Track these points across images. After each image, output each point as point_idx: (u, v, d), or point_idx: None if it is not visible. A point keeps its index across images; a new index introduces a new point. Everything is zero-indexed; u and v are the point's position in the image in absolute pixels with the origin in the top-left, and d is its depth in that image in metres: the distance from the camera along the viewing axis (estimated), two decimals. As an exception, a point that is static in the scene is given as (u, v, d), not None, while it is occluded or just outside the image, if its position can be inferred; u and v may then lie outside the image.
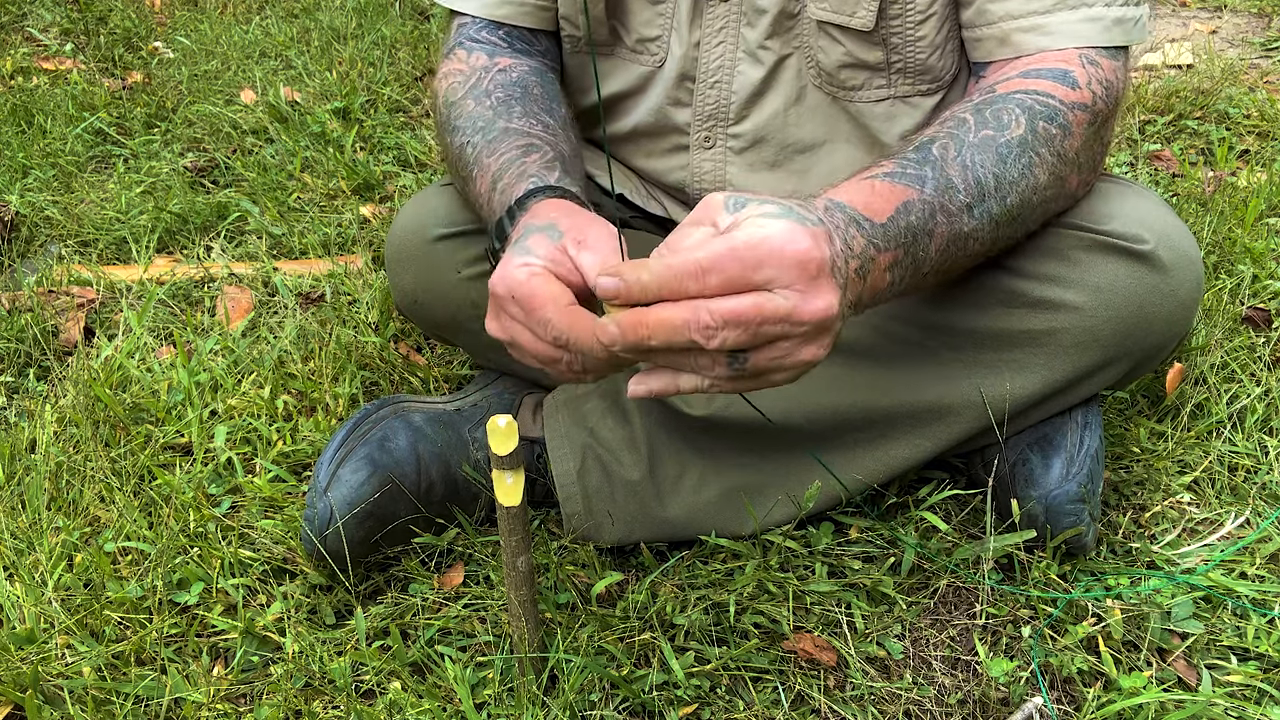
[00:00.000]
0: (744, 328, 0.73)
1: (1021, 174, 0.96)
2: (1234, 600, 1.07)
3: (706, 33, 1.16)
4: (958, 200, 0.92)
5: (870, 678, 1.02)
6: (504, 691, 1.00)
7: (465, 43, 1.21)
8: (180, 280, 1.70)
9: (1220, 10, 2.85)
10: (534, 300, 0.83)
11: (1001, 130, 0.96)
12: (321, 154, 2.07)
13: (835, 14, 1.11)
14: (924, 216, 0.89)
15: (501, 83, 1.15)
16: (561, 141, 1.09)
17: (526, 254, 0.86)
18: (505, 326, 0.88)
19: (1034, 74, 1.01)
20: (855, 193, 0.87)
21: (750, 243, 0.73)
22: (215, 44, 2.67)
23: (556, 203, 0.95)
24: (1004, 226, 0.97)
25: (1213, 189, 1.83)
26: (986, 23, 1.06)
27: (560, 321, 0.82)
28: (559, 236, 0.88)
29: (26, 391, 1.47)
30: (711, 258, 0.72)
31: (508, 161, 1.03)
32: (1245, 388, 1.35)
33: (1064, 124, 0.98)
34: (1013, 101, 0.98)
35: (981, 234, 0.95)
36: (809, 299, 0.74)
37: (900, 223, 0.87)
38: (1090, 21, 1.02)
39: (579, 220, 0.90)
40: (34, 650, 1.05)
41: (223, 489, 1.26)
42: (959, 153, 0.94)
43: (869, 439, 1.13)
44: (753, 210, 0.76)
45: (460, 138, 1.11)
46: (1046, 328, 1.07)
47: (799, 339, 0.75)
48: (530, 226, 0.90)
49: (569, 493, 1.14)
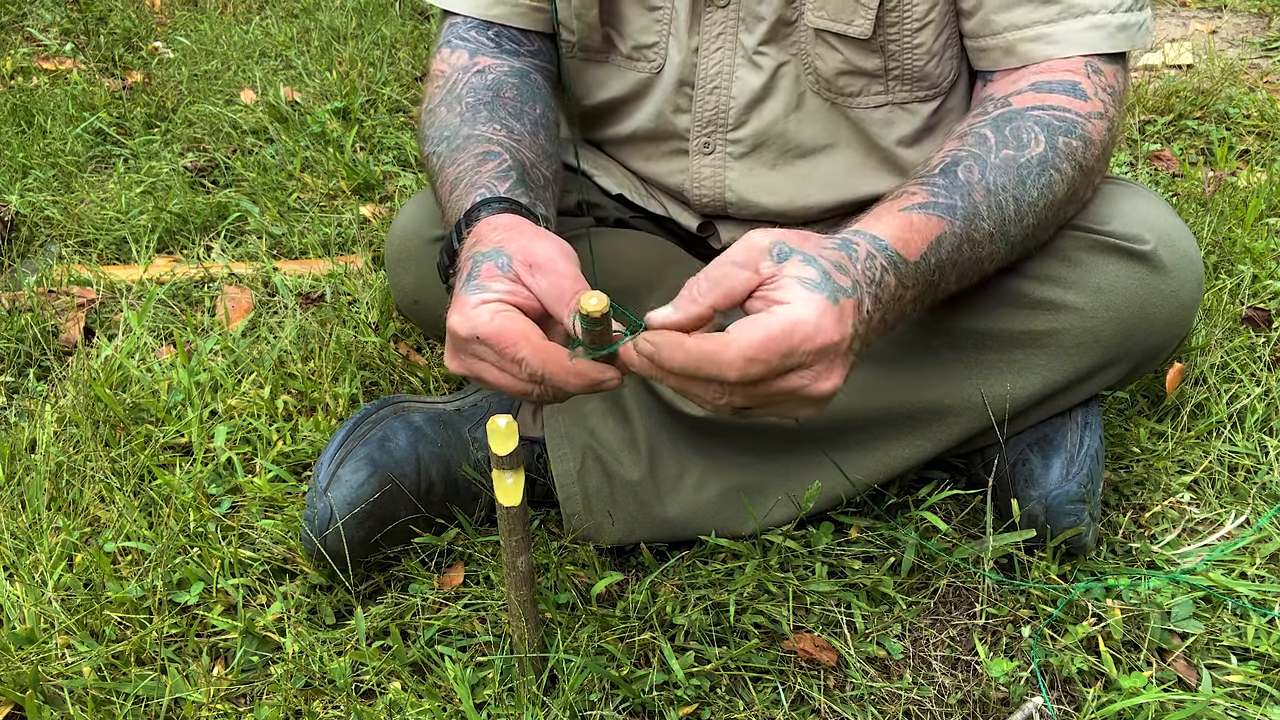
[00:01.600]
0: (756, 399, 0.80)
1: (1041, 193, 0.98)
2: (1234, 600, 1.07)
3: (705, 39, 1.15)
4: (982, 229, 0.94)
5: (870, 678, 1.02)
6: (504, 691, 1.00)
7: (452, 41, 1.21)
8: (180, 280, 1.70)
9: (1220, 10, 2.84)
10: (503, 339, 0.82)
11: (1022, 150, 0.97)
12: (321, 154, 2.07)
13: (833, 22, 1.11)
14: (952, 249, 0.92)
15: (475, 86, 1.14)
16: (525, 148, 1.07)
17: (482, 290, 0.85)
18: (467, 364, 0.87)
19: (1045, 88, 1.02)
20: (895, 227, 0.89)
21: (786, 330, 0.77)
22: (215, 44, 2.67)
23: (499, 220, 0.93)
24: (1018, 247, 1.00)
25: (1213, 189, 1.83)
26: (991, 33, 1.06)
27: (535, 359, 0.82)
28: (508, 264, 0.86)
29: (26, 391, 1.47)
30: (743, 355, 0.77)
31: (464, 171, 1.02)
32: (1245, 388, 1.35)
33: (1084, 135, 1.00)
34: (1030, 119, 0.99)
35: (998, 257, 0.98)
36: (821, 380, 0.80)
37: (931, 260, 0.90)
38: (1095, 29, 1.03)
39: (525, 240, 0.88)
40: (34, 650, 1.05)
41: (223, 489, 1.26)
42: (983, 175, 0.96)
43: (869, 439, 1.13)
44: (794, 270, 0.80)
45: (429, 147, 1.11)
46: (1047, 328, 1.07)
47: (799, 403, 0.82)
48: (477, 255, 0.88)
49: (569, 493, 1.14)
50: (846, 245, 0.85)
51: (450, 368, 0.89)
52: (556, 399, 0.87)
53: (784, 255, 0.80)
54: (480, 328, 0.83)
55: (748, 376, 0.77)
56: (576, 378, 0.82)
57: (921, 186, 0.94)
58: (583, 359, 0.82)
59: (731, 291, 0.80)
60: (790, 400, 0.81)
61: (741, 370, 0.76)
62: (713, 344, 0.76)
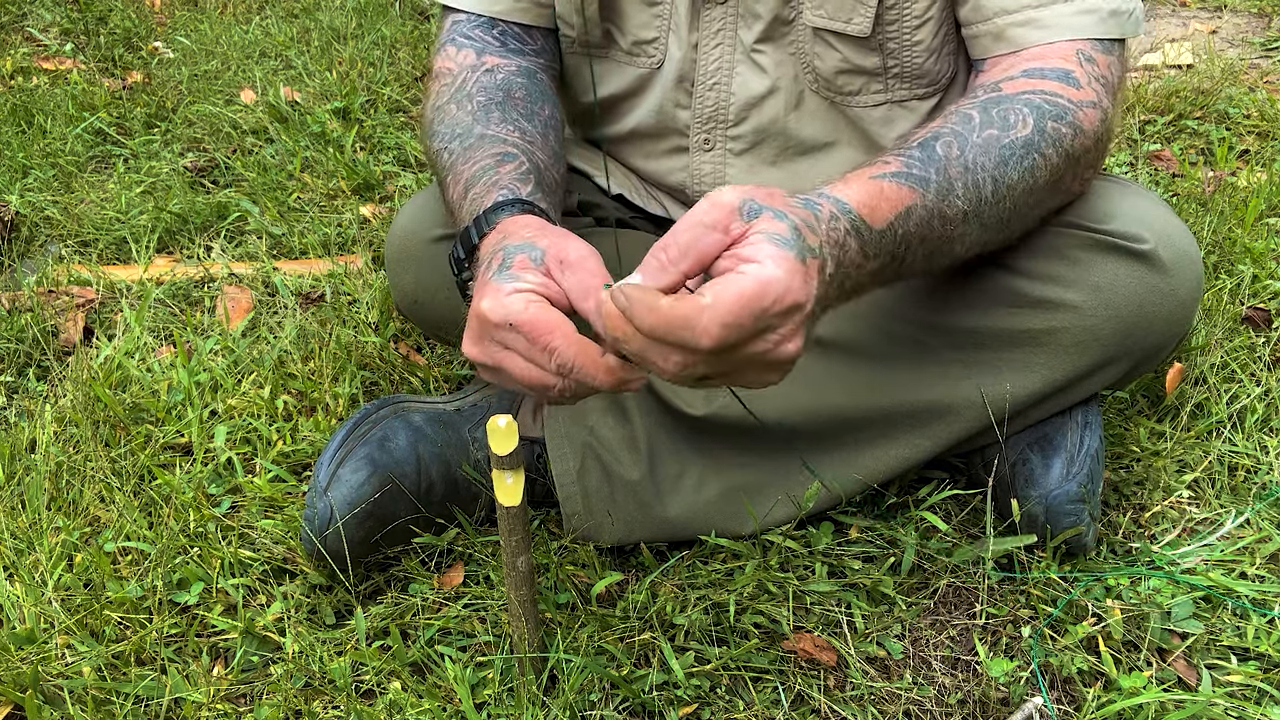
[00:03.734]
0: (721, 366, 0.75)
1: (1021, 177, 0.95)
2: (1234, 600, 1.07)
3: (704, 35, 1.15)
4: (956, 207, 0.92)
5: (870, 678, 1.02)
6: (504, 691, 1.00)
7: (457, 39, 1.21)
8: (180, 280, 1.70)
9: (1220, 10, 2.84)
10: (537, 328, 0.81)
11: (1007, 130, 0.95)
12: (321, 154, 2.07)
13: (831, 20, 1.10)
14: (922, 223, 0.89)
15: (485, 85, 1.14)
16: (539, 150, 1.07)
17: (515, 280, 0.84)
18: (489, 351, 0.85)
19: (1038, 74, 1.00)
20: (863, 193, 0.86)
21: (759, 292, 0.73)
22: (215, 44, 2.67)
23: (527, 219, 0.93)
24: (991, 232, 0.97)
25: (1213, 189, 1.83)
26: (981, 19, 1.06)
27: (568, 351, 0.80)
28: (541, 258, 0.86)
29: (26, 391, 1.47)
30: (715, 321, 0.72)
31: (481, 170, 1.02)
32: (1245, 388, 1.35)
33: (1074, 123, 0.98)
34: (1020, 101, 0.98)
35: (970, 239, 0.96)
36: (785, 343, 0.76)
37: (898, 230, 0.87)
38: (1085, 14, 1.02)
39: (556, 238, 0.88)
40: (34, 650, 1.05)
41: (223, 489, 1.26)
42: (962, 152, 0.93)
43: (869, 439, 1.13)
44: (765, 226, 0.75)
45: (438, 143, 1.10)
46: (1047, 327, 1.07)
47: (762, 369, 0.78)
48: (509, 247, 0.88)
49: (569, 492, 1.14)
50: (810, 205, 0.82)
51: (470, 355, 0.87)
52: (576, 395, 0.85)
53: (754, 212, 0.76)
54: (515, 315, 0.82)
55: (723, 343, 0.73)
56: (607, 374, 0.81)
57: (897, 157, 0.92)
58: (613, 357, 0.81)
59: (703, 255, 0.76)
60: (754, 366, 0.77)
61: (717, 338, 0.72)
62: (687, 307, 0.72)
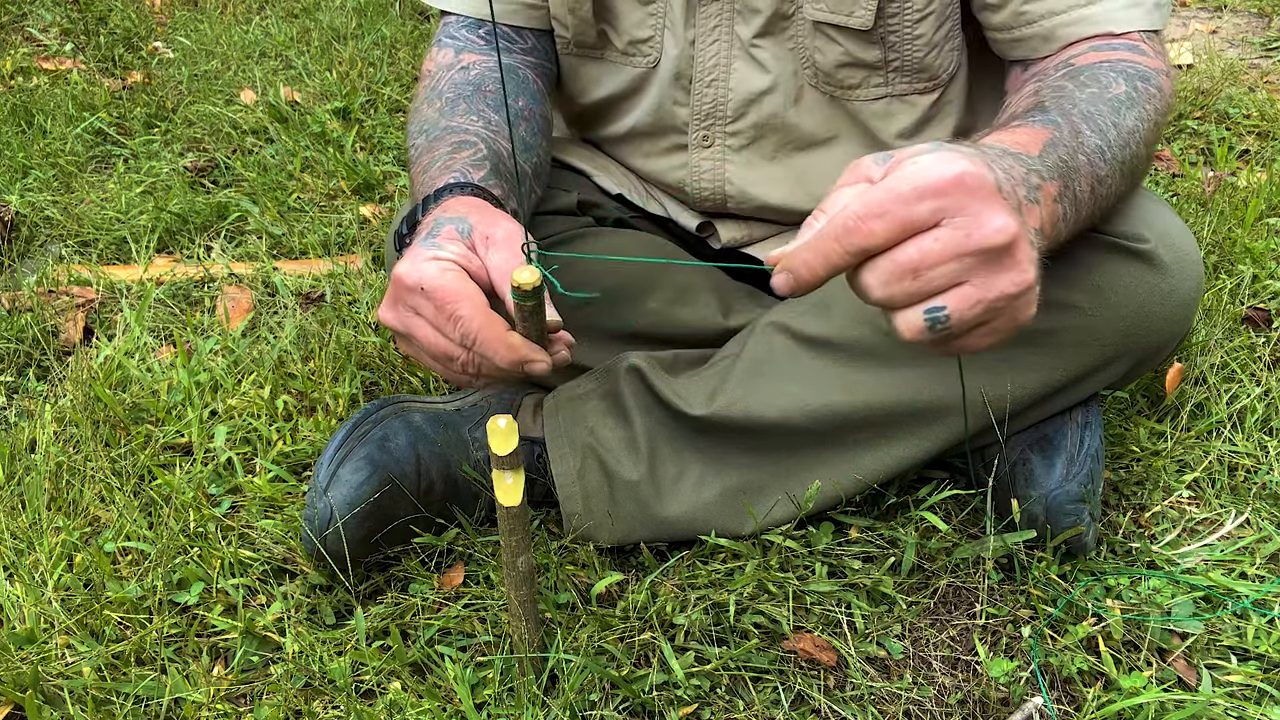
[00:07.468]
0: (914, 274, 0.67)
1: (1134, 125, 0.93)
2: (1234, 600, 1.07)
3: (700, 31, 1.15)
4: (1091, 142, 0.89)
5: (870, 678, 1.02)
6: (504, 691, 1.00)
7: (442, 40, 1.23)
8: (180, 280, 1.70)
9: (1220, 10, 2.84)
10: (446, 296, 0.82)
11: (1105, 89, 0.94)
12: (321, 154, 2.07)
13: (833, 14, 1.10)
14: (1070, 153, 0.85)
15: (456, 81, 1.15)
16: (502, 139, 1.09)
17: (438, 248, 0.86)
18: (402, 318, 0.86)
19: (1107, 48, 0.99)
20: (1000, 136, 0.83)
21: (906, 177, 0.67)
22: (215, 44, 2.67)
23: (468, 199, 0.95)
24: (1125, 179, 0.94)
25: (1213, 189, 1.83)
26: (1027, 23, 1.05)
27: (473, 321, 0.81)
28: (468, 231, 0.87)
29: (26, 391, 1.47)
30: (868, 205, 0.66)
31: (438, 157, 1.04)
32: (1245, 388, 1.35)
33: (1159, 85, 0.97)
34: (1102, 69, 0.97)
35: (1113, 181, 0.91)
36: (981, 220, 0.66)
37: (1051, 157, 0.83)
38: (1133, 7, 1.02)
39: (488, 216, 0.90)
40: (34, 650, 1.05)
41: (223, 489, 1.26)
42: (1075, 105, 0.91)
43: (869, 439, 1.13)
44: (902, 154, 0.70)
45: (409, 141, 1.13)
46: (1047, 327, 1.07)
47: (988, 271, 0.68)
48: (440, 219, 0.90)
49: (569, 493, 1.14)
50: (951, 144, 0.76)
51: (383, 319, 0.88)
52: (478, 374, 0.85)
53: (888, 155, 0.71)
54: (427, 279, 0.83)
55: (914, 216, 0.65)
56: (507, 350, 0.81)
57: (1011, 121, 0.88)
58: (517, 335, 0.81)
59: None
60: (970, 269, 0.67)
61: (869, 213, 0.64)
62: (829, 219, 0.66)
